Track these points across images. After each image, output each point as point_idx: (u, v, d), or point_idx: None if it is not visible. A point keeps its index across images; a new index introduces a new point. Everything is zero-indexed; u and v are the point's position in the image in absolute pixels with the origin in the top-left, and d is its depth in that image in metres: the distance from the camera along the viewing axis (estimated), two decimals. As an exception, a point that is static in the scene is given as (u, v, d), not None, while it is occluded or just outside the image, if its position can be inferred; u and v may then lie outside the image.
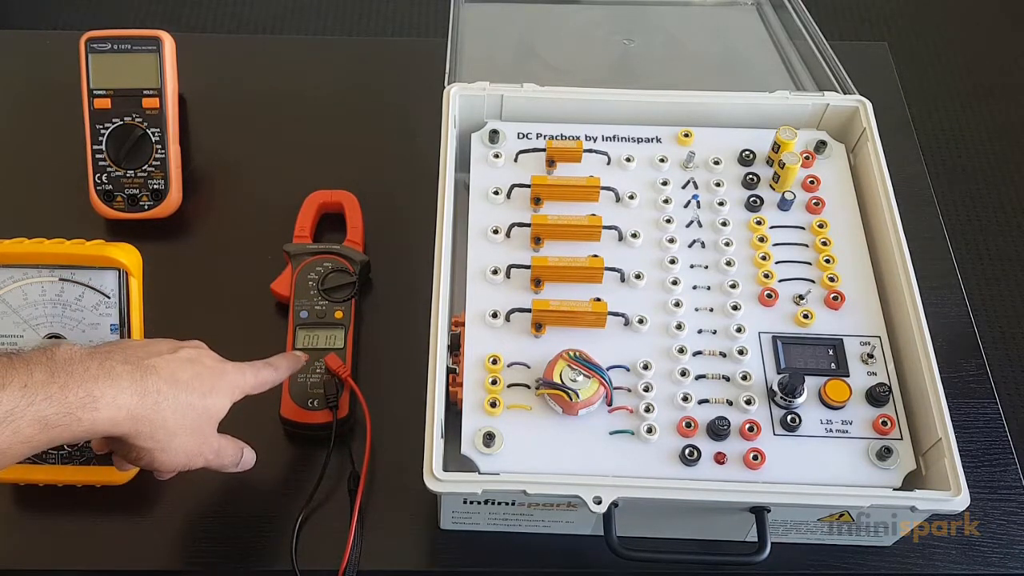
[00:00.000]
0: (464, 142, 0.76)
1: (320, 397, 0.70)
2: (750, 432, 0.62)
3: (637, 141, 0.76)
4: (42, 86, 0.92)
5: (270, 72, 0.95)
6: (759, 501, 0.59)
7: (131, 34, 0.80)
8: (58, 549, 0.67)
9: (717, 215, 0.72)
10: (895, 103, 0.94)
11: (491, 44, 0.89)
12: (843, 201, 0.73)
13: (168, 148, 0.80)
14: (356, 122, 0.91)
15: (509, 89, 0.76)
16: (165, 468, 0.57)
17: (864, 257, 0.71)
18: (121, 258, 0.64)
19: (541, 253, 0.69)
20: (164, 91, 0.80)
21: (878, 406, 0.63)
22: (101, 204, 0.81)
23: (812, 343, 0.66)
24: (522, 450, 0.61)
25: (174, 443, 0.56)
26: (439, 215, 0.68)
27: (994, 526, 0.69)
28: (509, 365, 0.64)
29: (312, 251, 0.76)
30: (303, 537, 0.66)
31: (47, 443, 0.50)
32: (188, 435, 0.56)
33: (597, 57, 0.91)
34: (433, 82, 0.77)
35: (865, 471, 0.61)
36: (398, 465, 0.69)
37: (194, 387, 0.56)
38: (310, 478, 0.68)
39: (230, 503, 0.68)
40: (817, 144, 0.76)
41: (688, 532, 0.66)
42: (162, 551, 0.66)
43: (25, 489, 0.68)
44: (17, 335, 0.64)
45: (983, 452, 0.72)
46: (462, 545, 0.67)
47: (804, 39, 0.87)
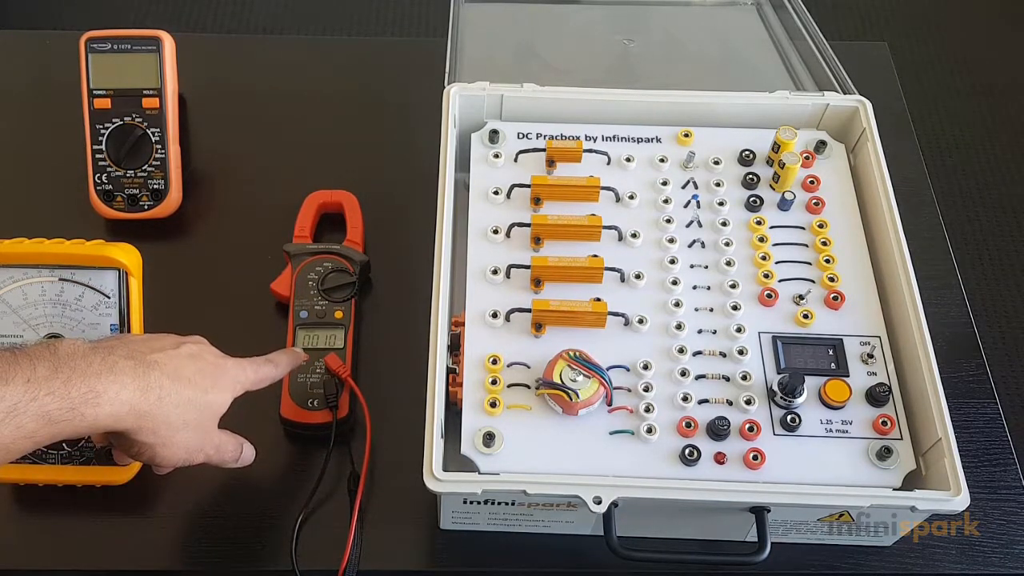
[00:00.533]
0: (464, 142, 0.76)
1: (320, 397, 0.70)
2: (750, 432, 0.62)
3: (637, 141, 0.76)
4: (42, 86, 0.92)
5: (270, 72, 0.95)
6: (759, 501, 0.59)
7: (131, 34, 0.80)
8: (58, 549, 0.67)
9: (717, 215, 0.72)
10: (895, 103, 0.94)
11: (491, 44, 0.89)
12: (843, 201, 0.73)
13: (168, 148, 0.80)
14: (356, 122, 0.91)
15: (509, 89, 0.76)
16: (166, 463, 0.57)
17: (864, 257, 0.71)
18: (121, 258, 0.64)
19: (541, 253, 0.69)
20: (164, 91, 0.80)
21: (878, 406, 0.63)
22: (101, 204, 0.81)
23: (812, 343, 0.66)
24: (522, 450, 0.61)
25: (176, 439, 0.56)
26: (439, 215, 0.68)
27: (994, 526, 0.69)
28: (509, 365, 0.64)
29: (312, 251, 0.76)
30: (303, 537, 0.66)
31: (49, 438, 0.50)
32: (190, 431, 0.56)
33: (597, 57, 0.91)
34: (433, 82, 0.77)
35: (865, 471, 0.61)
36: (398, 465, 0.69)
37: (196, 383, 0.56)
38: (310, 478, 0.68)
39: (230, 503, 0.68)
40: (817, 144, 0.76)
41: (688, 532, 0.66)
42: (162, 551, 0.66)
43: (25, 489, 0.68)
44: (17, 335, 0.64)
45: (983, 452, 0.72)
46: (462, 545, 0.67)
47: (804, 39, 0.87)
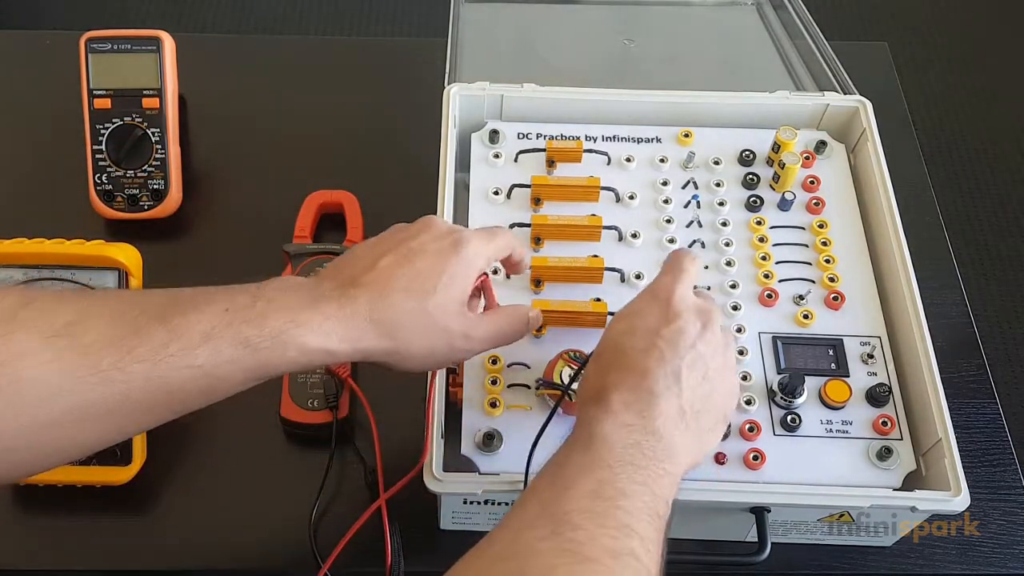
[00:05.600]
0: (464, 142, 0.76)
1: (320, 397, 0.70)
2: (750, 432, 0.62)
3: (637, 141, 0.76)
4: (42, 86, 0.92)
5: (270, 72, 0.95)
6: (759, 501, 0.59)
7: (131, 34, 0.80)
8: (58, 549, 0.67)
9: (717, 215, 0.72)
10: (895, 103, 0.94)
11: (491, 44, 0.89)
12: (843, 201, 0.73)
13: (168, 148, 0.80)
14: (356, 122, 0.91)
15: (509, 89, 0.76)
16: (419, 371, 0.56)
17: (864, 257, 0.71)
18: (121, 258, 0.64)
19: (541, 253, 0.69)
20: (164, 91, 0.80)
21: (878, 406, 0.63)
22: (101, 204, 0.80)
23: (812, 343, 0.66)
24: (522, 450, 0.61)
25: (413, 350, 0.53)
26: (439, 215, 0.68)
27: (994, 526, 0.69)
28: (509, 365, 0.64)
29: (312, 251, 0.76)
30: (301, 537, 0.66)
31: (258, 367, 0.49)
32: (427, 337, 0.53)
33: (597, 57, 0.91)
34: (433, 82, 0.77)
35: (865, 471, 0.61)
36: (398, 465, 0.69)
37: (413, 290, 0.52)
38: (309, 478, 0.68)
39: (230, 503, 0.68)
40: (817, 144, 0.76)
41: (688, 532, 0.66)
42: (162, 551, 0.66)
43: (25, 489, 0.68)
44: (17, 335, 0.64)
45: (983, 452, 0.72)
46: (462, 545, 0.67)
47: (804, 39, 0.87)
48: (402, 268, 0.53)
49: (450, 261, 0.54)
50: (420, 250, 0.54)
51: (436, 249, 0.54)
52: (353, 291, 0.52)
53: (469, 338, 0.55)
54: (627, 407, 0.50)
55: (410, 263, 0.53)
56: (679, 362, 0.52)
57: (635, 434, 0.49)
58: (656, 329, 0.53)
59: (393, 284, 0.52)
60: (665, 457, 0.49)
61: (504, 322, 0.58)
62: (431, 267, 0.53)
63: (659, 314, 0.53)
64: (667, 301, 0.54)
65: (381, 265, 0.53)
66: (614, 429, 0.49)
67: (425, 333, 0.53)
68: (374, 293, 0.52)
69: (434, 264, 0.53)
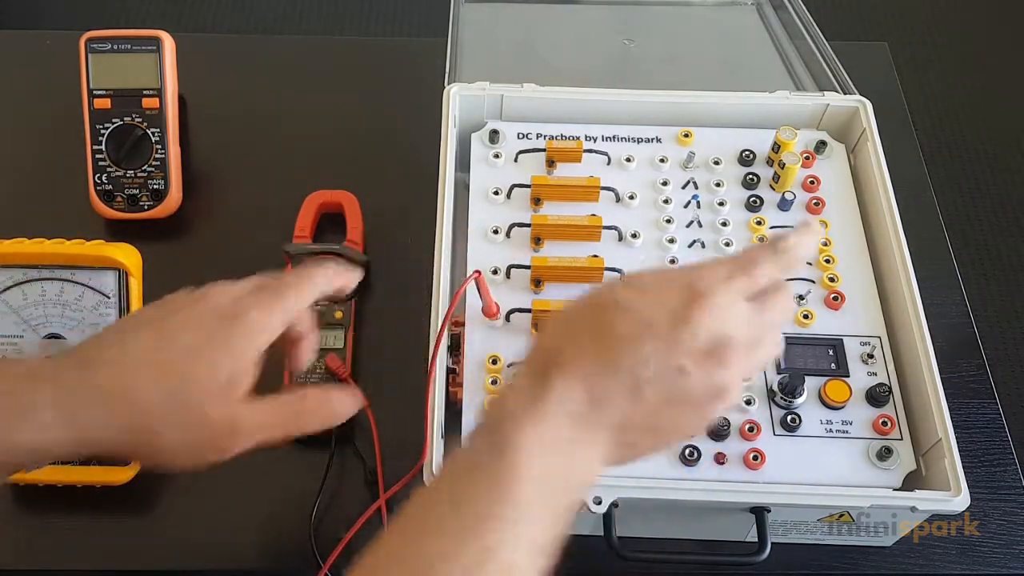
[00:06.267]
0: (464, 142, 0.76)
1: (320, 397, 0.70)
2: (750, 432, 0.62)
3: (637, 141, 0.76)
4: (42, 86, 0.92)
5: (270, 72, 0.95)
6: (759, 501, 0.59)
7: (131, 34, 0.80)
8: (58, 549, 0.67)
9: (717, 215, 0.72)
10: (895, 103, 0.94)
11: (491, 44, 0.89)
12: (843, 201, 0.73)
13: (168, 148, 0.80)
14: (356, 122, 0.91)
15: (509, 89, 0.76)
16: (190, 466, 0.48)
17: (864, 257, 0.71)
18: (121, 258, 0.64)
19: (541, 253, 0.69)
20: (164, 91, 0.80)
21: (878, 406, 0.63)
22: (101, 204, 0.80)
23: (812, 343, 0.66)
24: (522, 450, 0.61)
25: (166, 443, 0.47)
26: (439, 215, 0.68)
27: (994, 526, 0.69)
28: (509, 365, 0.64)
29: (312, 251, 0.76)
30: (301, 537, 0.66)
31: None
32: (181, 430, 0.47)
33: (597, 57, 0.91)
34: (433, 82, 0.77)
35: (865, 471, 0.61)
36: (398, 465, 0.69)
37: (165, 373, 0.47)
38: (309, 478, 0.68)
39: (230, 503, 0.68)
40: (817, 144, 0.76)
41: (688, 532, 0.66)
42: (162, 551, 0.66)
43: (25, 489, 0.68)
44: (17, 335, 0.64)
45: (983, 452, 0.72)
46: (462, 545, 0.67)
47: (804, 39, 0.87)
48: (159, 344, 0.47)
49: (217, 339, 0.47)
50: (186, 325, 0.48)
51: (206, 325, 0.48)
52: (90, 364, 0.46)
53: (236, 432, 0.48)
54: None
55: (169, 340, 0.47)
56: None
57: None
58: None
59: (142, 360, 0.46)
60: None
61: (291, 411, 0.50)
62: (194, 345, 0.47)
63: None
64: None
65: (135, 340, 0.47)
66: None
67: (178, 424, 0.46)
68: (116, 368, 0.46)
69: (199, 342, 0.47)
